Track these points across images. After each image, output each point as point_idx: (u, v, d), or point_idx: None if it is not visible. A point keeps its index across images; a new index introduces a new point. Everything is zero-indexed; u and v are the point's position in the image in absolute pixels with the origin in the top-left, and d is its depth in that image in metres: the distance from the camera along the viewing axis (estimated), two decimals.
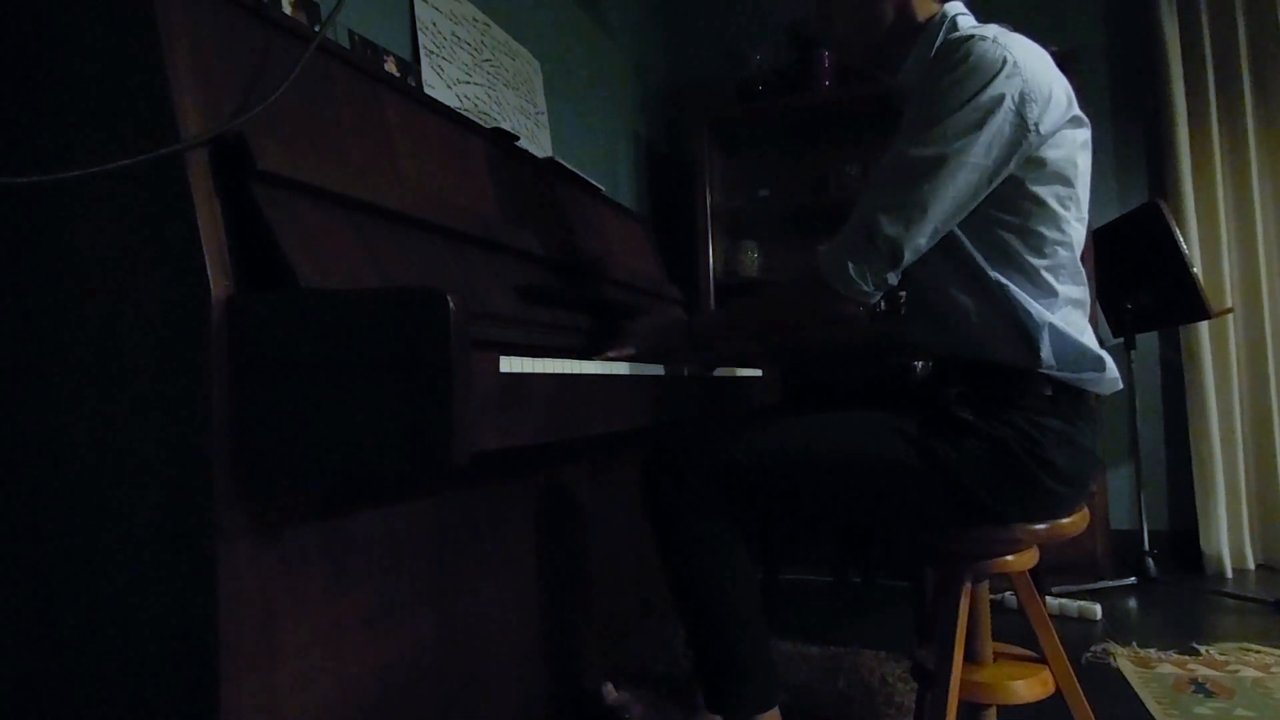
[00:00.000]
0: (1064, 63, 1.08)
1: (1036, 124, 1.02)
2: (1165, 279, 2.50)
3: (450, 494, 1.17)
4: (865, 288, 1.06)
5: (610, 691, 1.50)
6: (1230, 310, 2.70)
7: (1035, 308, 1.07)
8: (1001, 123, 1.01)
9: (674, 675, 1.78)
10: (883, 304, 2.67)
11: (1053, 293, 1.09)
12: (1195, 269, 2.52)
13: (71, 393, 0.87)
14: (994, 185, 1.05)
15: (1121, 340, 2.64)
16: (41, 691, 0.88)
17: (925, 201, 1.02)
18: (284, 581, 0.88)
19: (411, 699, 1.08)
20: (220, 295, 0.81)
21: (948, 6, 1.16)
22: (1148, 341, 2.90)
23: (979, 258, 1.09)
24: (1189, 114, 2.81)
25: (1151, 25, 2.86)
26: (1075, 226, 1.10)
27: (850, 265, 1.06)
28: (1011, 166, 1.04)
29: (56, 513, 0.87)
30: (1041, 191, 1.06)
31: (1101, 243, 2.64)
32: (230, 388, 0.81)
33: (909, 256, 1.05)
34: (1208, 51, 2.81)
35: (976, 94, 1.01)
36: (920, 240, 1.04)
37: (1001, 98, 1.01)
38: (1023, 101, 1.02)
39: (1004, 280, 1.08)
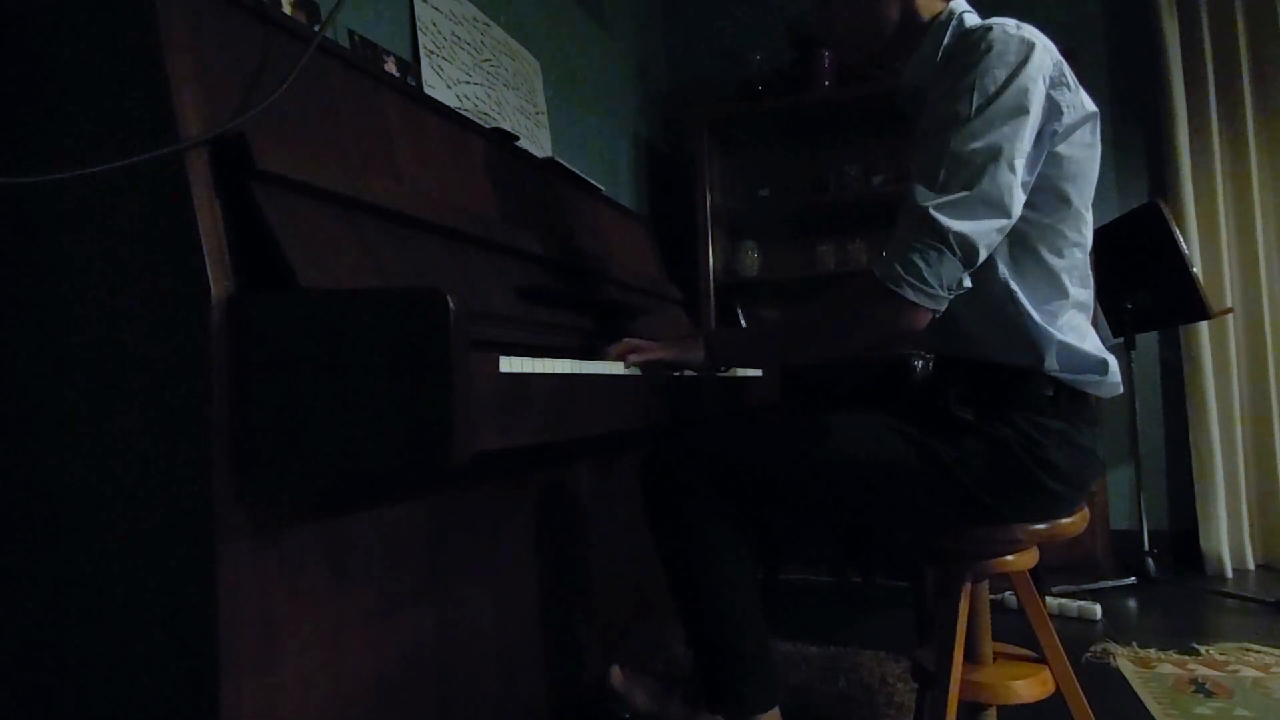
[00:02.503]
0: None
1: (1070, 106, 1.03)
2: (1165, 279, 2.50)
3: (450, 494, 1.17)
4: (941, 291, 1.00)
5: (616, 674, 1.49)
6: (1230, 310, 2.70)
7: (1041, 321, 1.06)
8: (1038, 107, 1.01)
9: (674, 675, 1.78)
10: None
11: (1064, 294, 1.08)
12: (1195, 269, 2.52)
13: (71, 393, 0.87)
14: (1035, 175, 1.04)
15: (1121, 340, 2.64)
16: (42, 691, 0.88)
17: (992, 195, 0.98)
18: (284, 581, 0.88)
19: (411, 698, 1.08)
20: (220, 295, 0.81)
21: (953, 4, 1.16)
22: (1148, 341, 2.90)
23: (997, 258, 1.07)
24: (1189, 114, 2.81)
25: (1151, 25, 2.86)
26: (1090, 229, 1.10)
27: (924, 268, 0.98)
28: (1044, 153, 1.03)
29: (56, 513, 0.87)
30: (1067, 189, 1.06)
31: (1101, 243, 2.62)
32: (230, 388, 0.81)
33: (984, 253, 1.00)
34: (1208, 51, 2.81)
35: (1012, 79, 0.99)
36: (994, 235, 1.00)
37: (1036, 80, 1.00)
38: (1054, 84, 1.02)
39: (1013, 286, 1.07)
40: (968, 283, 1.02)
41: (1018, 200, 1.00)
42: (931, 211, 0.98)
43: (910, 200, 1.02)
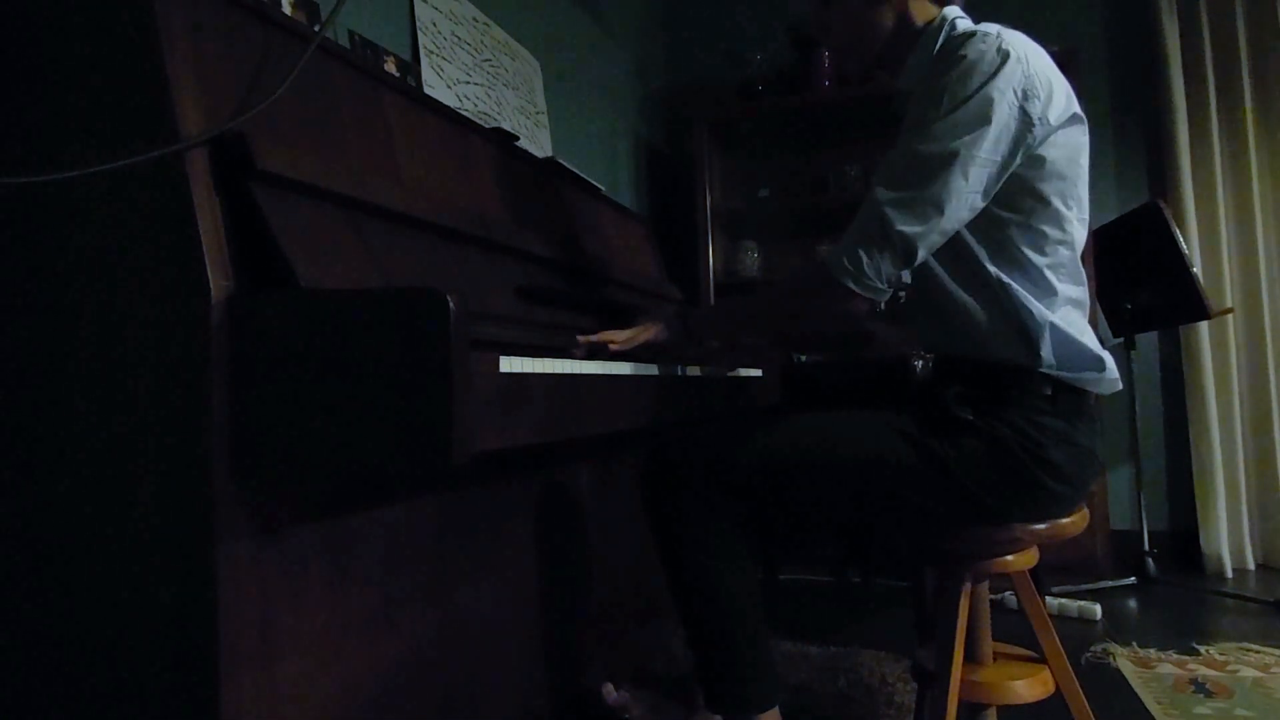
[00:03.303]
0: (1064, 63, 1.09)
1: (1040, 118, 1.03)
2: (1165, 279, 2.50)
3: (450, 494, 1.17)
4: (878, 284, 1.05)
5: (610, 691, 1.50)
6: (1230, 310, 2.70)
7: (1037, 307, 1.07)
8: (1007, 117, 1.02)
9: (674, 675, 1.78)
10: (882, 303, 2.67)
11: (1052, 291, 1.09)
12: (1195, 269, 2.52)
13: (72, 393, 0.87)
14: (1001, 182, 1.05)
15: (1121, 340, 2.64)
16: (42, 691, 0.88)
17: (939, 198, 1.02)
18: (284, 581, 0.88)
19: (411, 699, 1.08)
20: (220, 295, 0.81)
21: (946, 10, 1.17)
22: (1148, 341, 2.90)
23: (981, 255, 1.09)
24: (1189, 114, 2.81)
25: (1151, 25, 2.86)
26: (1077, 226, 1.10)
27: (865, 262, 1.04)
28: (1017, 162, 1.04)
29: (57, 513, 0.87)
30: (1045, 189, 1.06)
31: (1101, 243, 2.64)
32: (230, 388, 0.81)
33: (923, 253, 1.05)
34: (1208, 51, 2.81)
35: (980, 88, 1.01)
36: (935, 237, 1.04)
37: (1005, 91, 1.01)
38: (1025, 96, 1.02)
39: (1005, 279, 1.08)
40: (906, 278, 1.09)
41: (965, 207, 1.03)
42: (883, 208, 1.04)
43: (870, 193, 1.07)
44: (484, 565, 1.25)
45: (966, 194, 1.02)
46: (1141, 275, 2.56)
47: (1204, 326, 2.73)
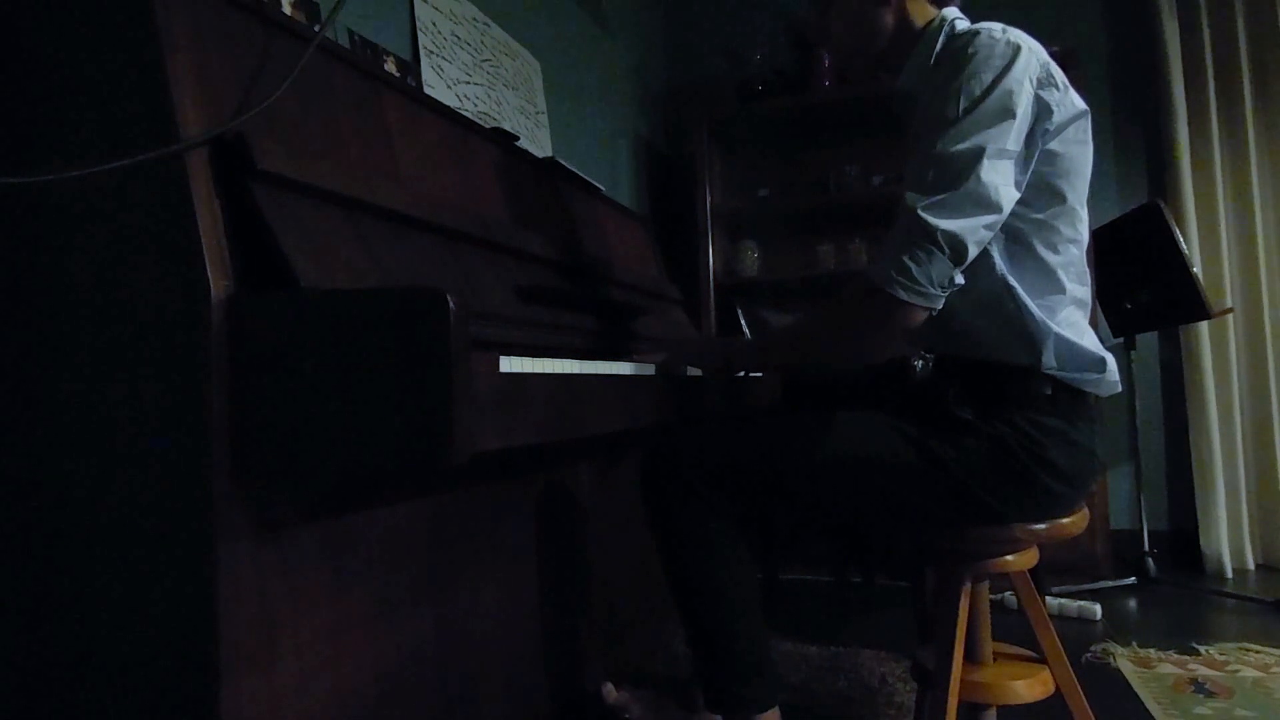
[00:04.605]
0: (1064, 63, 1.09)
1: (1059, 104, 1.04)
2: (1165, 279, 2.50)
3: (450, 493, 1.17)
4: (931, 289, 1.01)
5: (610, 692, 1.50)
6: (1230, 310, 2.70)
7: (1041, 307, 1.07)
8: (1026, 108, 1.02)
9: (674, 675, 1.78)
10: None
11: (1061, 290, 1.09)
12: (1195, 269, 2.51)
13: (71, 393, 0.87)
14: (1028, 174, 1.05)
15: (1121, 340, 2.64)
16: (42, 691, 0.88)
17: (976, 193, 0.99)
18: (284, 581, 0.88)
19: (411, 699, 1.08)
20: (220, 295, 0.81)
21: (945, 11, 1.17)
22: (1148, 341, 2.90)
23: (995, 253, 1.08)
24: (1189, 114, 2.81)
25: (1151, 25, 2.86)
26: (1085, 226, 1.11)
27: (913, 269, 1.00)
28: (1037, 152, 1.04)
29: (56, 513, 0.87)
30: (1062, 185, 1.07)
31: (1101, 243, 2.64)
32: (230, 388, 0.81)
33: (973, 250, 1.01)
34: (1208, 51, 2.81)
35: (997, 81, 1.01)
36: (983, 231, 1.00)
37: (1022, 82, 1.01)
38: (1041, 85, 1.03)
39: (1012, 280, 1.08)
40: (959, 280, 1.03)
41: (1007, 197, 1.01)
42: (920, 212, 1.00)
43: (901, 205, 1.04)
44: (484, 565, 1.25)
45: (1001, 186, 1.00)
46: (1141, 275, 2.56)
47: (1204, 326, 2.73)
